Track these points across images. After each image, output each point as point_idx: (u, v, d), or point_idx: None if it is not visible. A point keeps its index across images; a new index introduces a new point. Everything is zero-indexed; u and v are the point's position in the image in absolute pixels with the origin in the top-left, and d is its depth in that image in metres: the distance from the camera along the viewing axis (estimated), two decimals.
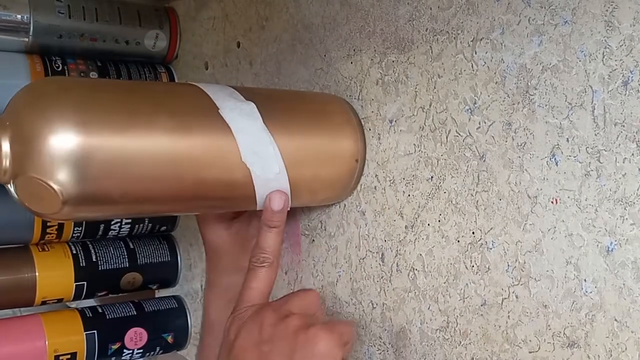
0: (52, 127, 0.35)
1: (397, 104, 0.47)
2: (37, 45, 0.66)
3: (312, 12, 0.55)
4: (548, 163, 0.37)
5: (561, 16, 0.36)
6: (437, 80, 0.44)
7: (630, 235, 0.33)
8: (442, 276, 0.44)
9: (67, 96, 0.37)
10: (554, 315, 0.37)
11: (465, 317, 0.42)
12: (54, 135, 0.35)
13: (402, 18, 0.46)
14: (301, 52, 0.56)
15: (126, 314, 0.71)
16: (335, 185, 0.49)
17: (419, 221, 0.45)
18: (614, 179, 0.34)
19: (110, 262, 0.71)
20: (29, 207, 0.36)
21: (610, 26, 0.34)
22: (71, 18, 0.67)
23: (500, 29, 0.40)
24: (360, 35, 0.50)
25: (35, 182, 0.35)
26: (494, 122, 0.40)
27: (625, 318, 0.34)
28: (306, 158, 0.46)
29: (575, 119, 0.36)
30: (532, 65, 0.38)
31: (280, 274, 0.60)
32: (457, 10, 0.42)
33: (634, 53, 0.33)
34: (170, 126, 0.39)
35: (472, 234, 0.42)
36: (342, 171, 0.48)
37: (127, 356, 0.70)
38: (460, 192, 0.42)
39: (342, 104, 0.50)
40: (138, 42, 0.72)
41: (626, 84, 0.33)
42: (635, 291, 0.33)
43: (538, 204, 0.38)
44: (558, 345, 0.37)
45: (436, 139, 0.44)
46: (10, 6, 0.64)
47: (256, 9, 0.62)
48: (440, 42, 0.43)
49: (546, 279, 0.37)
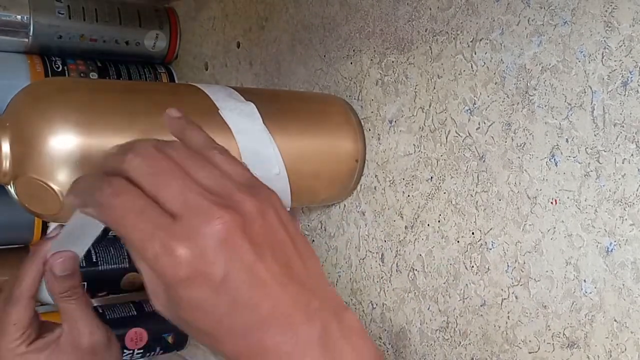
0: (52, 128, 0.35)
1: (397, 104, 0.47)
2: (37, 45, 0.66)
3: (312, 13, 0.55)
4: (547, 163, 0.37)
5: (560, 17, 0.36)
6: (436, 81, 0.44)
7: (629, 235, 0.33)
8: (442, 276, 0.44)
9: (67, 97, 0.37)
10: (553, 316, 0.37)
11: (465, 317, 0.42)
12: (54, 136, 0.35)
13: (401, 18, 0.46)
14: (301, 53, 0.56)
15: (126, 314, 0.71)
16: (335, 184, 0.49)
17: (419, 221, 0.45)
18: (613, 179, 0.34)
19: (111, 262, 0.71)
20: (29, 208, 0.36)
21: (609, 27, 0.34)
22: (71, 18, 0.67)
23: (500, 30, 0.40)
24: (359, 36, 0.50)
25: (35, 183, 0.35)
26: (493, 122, 0.40)
27: (624, 318, 0.34)
28: (306, 158, 0.46)
29: (574, 120, 0.36)
30: (532, 65, 0.38)
31: None
32: (457, 10, 0.42)
33: (633, 53, 0.33)
34: None
35: (472, 234, 0.42)
36: (342, 171, 0.48)
37: (127, 356, 0.70)
38: (460, 193, 0.42)
39: (342, 104, 0.50)
40: (138, 42, 0.72)
41: (625, 85, 0.33)
42: (634, 292, 0.33)
43: (538, 205, 0.38)
44: (558, 346, 0.37)
45: (436, 140, 0.44)
46: (10, 6, 0.64)
47: (256, 9, 0.62)
48: (439, 43, 0.43)
49: (546, 280, 0.37)
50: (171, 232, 0.28)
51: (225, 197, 0.30)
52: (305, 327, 0.30)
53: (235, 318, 0.29)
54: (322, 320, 0.31)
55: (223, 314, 0.29)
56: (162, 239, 0.28)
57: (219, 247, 0.28)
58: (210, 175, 0.31)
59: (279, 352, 0.30)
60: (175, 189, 0.29)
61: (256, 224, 0.30)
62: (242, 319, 0.29)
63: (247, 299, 0.29)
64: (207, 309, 0.29)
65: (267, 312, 0.30)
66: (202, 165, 0.31)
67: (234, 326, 0.30)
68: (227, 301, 0.29)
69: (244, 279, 0.29)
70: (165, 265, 0.28)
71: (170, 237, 0.28)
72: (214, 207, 0.29)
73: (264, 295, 0.30)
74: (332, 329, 0.31)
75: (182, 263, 0.28)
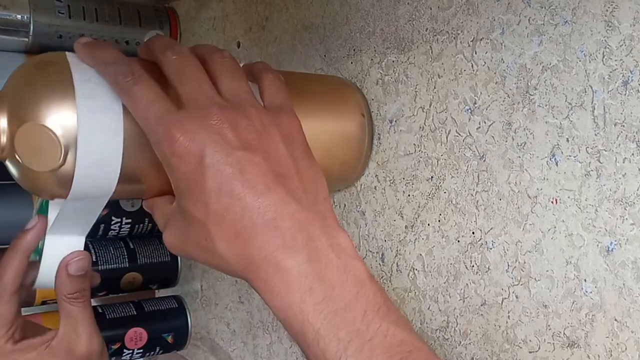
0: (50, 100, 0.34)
1: (397, 104, 0.47)
2: (37, 45, 0.66)
3: (312, 12, 0.55)
4: (548, 163, 0.37)
5: (561, 16, 0.36)
6: (437, 80, 0.44)
7: (630, 235, 0.33)
8: (442, 276, 0.44)
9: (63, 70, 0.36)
10: (554, 315, 0.37)
11: (465, 317, 0.42)
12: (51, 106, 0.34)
13: (402, 18, 0.46)
14: (301, 52, 0.56)
15: (126, 314, 0.71)
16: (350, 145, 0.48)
17: (419, 221, 0.45)
18: (614, 179, 0.34)
19: (110, 262, 0.71)
20: (29, 165, 0.34)
21: (610, 26, 0.34)
22: (71, 18, 0.67)
23: (500, 29, 0.40)
24: (360, 35, 0.50)
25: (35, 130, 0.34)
26: (494, 122, 0.40)
27: (625, 318, 0.34)
28: (318, 136, 0.45)
29: (575, 119, 0.36)
30: (532, 65, 0.38)
31: None
32: (457, 10, 0.42)
33: (634, 53, 0.33)
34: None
35: (472, 234, 0.42)
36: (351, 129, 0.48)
37: (127, 356, 0.70)
38: (460, 192, 0.42)
39: (346, 81, 0.51)
40: (138, 42, 0.72)
41: (626, 84, 0.33)
42: (635, 291, 0.33)
43: (538, 204, 0.38)
44: (558, 345, 0.37)
45: (436, 139, 0.44)
46: (10, 6, 0.64)
47: (256, 9, 0.62)
48: (440, 42, 0.43)
49: (546, 279, 0.37)
50: (172, 119, 0.32)
51: (236, 104, 0.33)
52: (290, 232, 0.31)
53: (221, 203, 0.31)
54: (310, 232, 0.31)
55: (210, 197, 0.31)
56: (165, 124, 0.31)
57: (211, 136, 0.31)
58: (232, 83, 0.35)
59: (263, 249, 0.30)
60: (192, 85, 0.33)
61: (254, 132, 0.33)
62: (227, 205, 0.31)
63: (229, 189, 0.31)
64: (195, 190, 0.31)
65: (251, 208, 0.31)
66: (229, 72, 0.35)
67: (221, 212, 0.31)
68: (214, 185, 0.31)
69: (229, 171, 0.31)
70: (165, 146, 0.31)
71: (171, 122, 0.31)
72: (216, 107, 0.32)
73: (248, 189, 0.31)
74: (321, 242, 0.31)
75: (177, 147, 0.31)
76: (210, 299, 0.73)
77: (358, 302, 0.30)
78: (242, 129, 0.32)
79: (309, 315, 0.29)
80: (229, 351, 0.71)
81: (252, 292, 0.65)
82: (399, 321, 0.30)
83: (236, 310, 0.69)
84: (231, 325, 0.70)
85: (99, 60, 0.35)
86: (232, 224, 0.31)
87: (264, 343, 0.64)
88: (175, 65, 0.34)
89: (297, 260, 0.30)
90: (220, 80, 0.35)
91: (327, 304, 0.29)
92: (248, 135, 0.32)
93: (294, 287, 0.30)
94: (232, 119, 0.32)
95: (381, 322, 0.29)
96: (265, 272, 0.30)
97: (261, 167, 0.31)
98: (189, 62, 0.35)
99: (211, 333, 0.74)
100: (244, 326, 0.67)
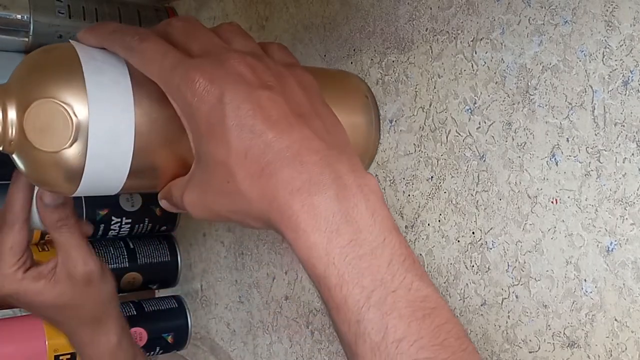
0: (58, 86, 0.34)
1: (397, 104, 0.47)
2: (37, 45, 0.66)
3: (312, 12, 0.55)
4: (548, 163, 0.37)
5: (561, 16, 0.36)
6: (437, 80, 0.44)
7: (630, 235, 0.33)
8: (442, 276, 0.44)
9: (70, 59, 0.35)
10: (554, 315, 0.37)
11: (465, 317, 0.42)
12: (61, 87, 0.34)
13: (402, 18, 0.46)
14: (301, 52, 0.56)
15: (126, 314, 0.71)
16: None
17: (419, 221, 0.45)
18: (614, 178, 0.34)
19: (110, 262, 0.71)
20: (41, 146, 0.33)
21: (610, 26, 0.34)
22: (71, 18, 0.67)
23: (501, 29, 0.40)
24: (360, 35, 0.50)
25: (46, 107, 0.32)
26: (494, 122, 0.40)
27: (625, 318, 0.34)
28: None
29: (575, 119, 0.36)
30: (532, 65, 0.38)
31: (280, 274, 0.60)
32: (457, 10, 0.42)
33: (634, 53, 0.33)
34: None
35: (472, 234, 0.42)
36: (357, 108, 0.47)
37: None
38: (460, 192, 0.42)
39: (350, 74, 0.51)
40: None
41: (626, 84, 0.33)
42: (635, 291, 0.33)
43: (538, 204, 0.38)
44: (558, 345, 0.37)
45: (436, 139, 0.44)
46: (10, 6, 0.64)
47: (256, 9, 0.62)
48: (440, 42, 0.43)
49: (546, 279, 0.37)
50: (189, 64, 0.31)
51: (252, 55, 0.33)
52: (317, 167, 0.29)
53: (242, 140, 0.30)
54: (337, 169, 0.29)
55: (231, 134, 0.30)
56: (182, 68, 0.31)
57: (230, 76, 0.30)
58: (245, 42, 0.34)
59: (288, 185, 0.29)
60: (204, 40, 0.33)
61: (272, 75, 0.32)
62: (249, 142, 0.30)
63: (251, 125, 0.30)
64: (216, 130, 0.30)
65: (274, 143, 0.29)
66: (240, 35, 0.35)
67: (243, 149, 0.30)
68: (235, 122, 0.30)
69: (250, 107, 0.30)
70: (184, 89, 0.31)
71: (188, 66, 0.31)
72: (233, 52, 0.32)
73: (270, 125, 0.30)
74: (349, 180, 0.29)
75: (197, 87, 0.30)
76: (210, 299, 0.73)
77: (384, 250, 0.28)
78: (260, 72, 0.31)
79: (335, 258, 0.27)
80: (229, 351, 0.71)
81: (252, 292, 0.65)
82: (423, 276, 0.29)
83: (236, 310, 0.69)
84: (231, 325, 0.70)
85: (102, 32, 0.34)
86: (255, 161, 0.29)
87: (264, 343, 0.64)
88: (184, 27, 0.34)
89: (324, 196, 0.28)
90: (232, 42, 0.34)
91: (352, 247, 0.28)
92: (267, 77, 0.31)
93: (321, 226, 0.28)
94: (251, 63, 0.31)
95: (406, 274, 0.28)
96: (290, 208, 0.28)
97: (282, 106, 0.30)
98: (197, 24, 0.34)
99: (211, 333, 0.74)
100: (244, 326, 0.67)
